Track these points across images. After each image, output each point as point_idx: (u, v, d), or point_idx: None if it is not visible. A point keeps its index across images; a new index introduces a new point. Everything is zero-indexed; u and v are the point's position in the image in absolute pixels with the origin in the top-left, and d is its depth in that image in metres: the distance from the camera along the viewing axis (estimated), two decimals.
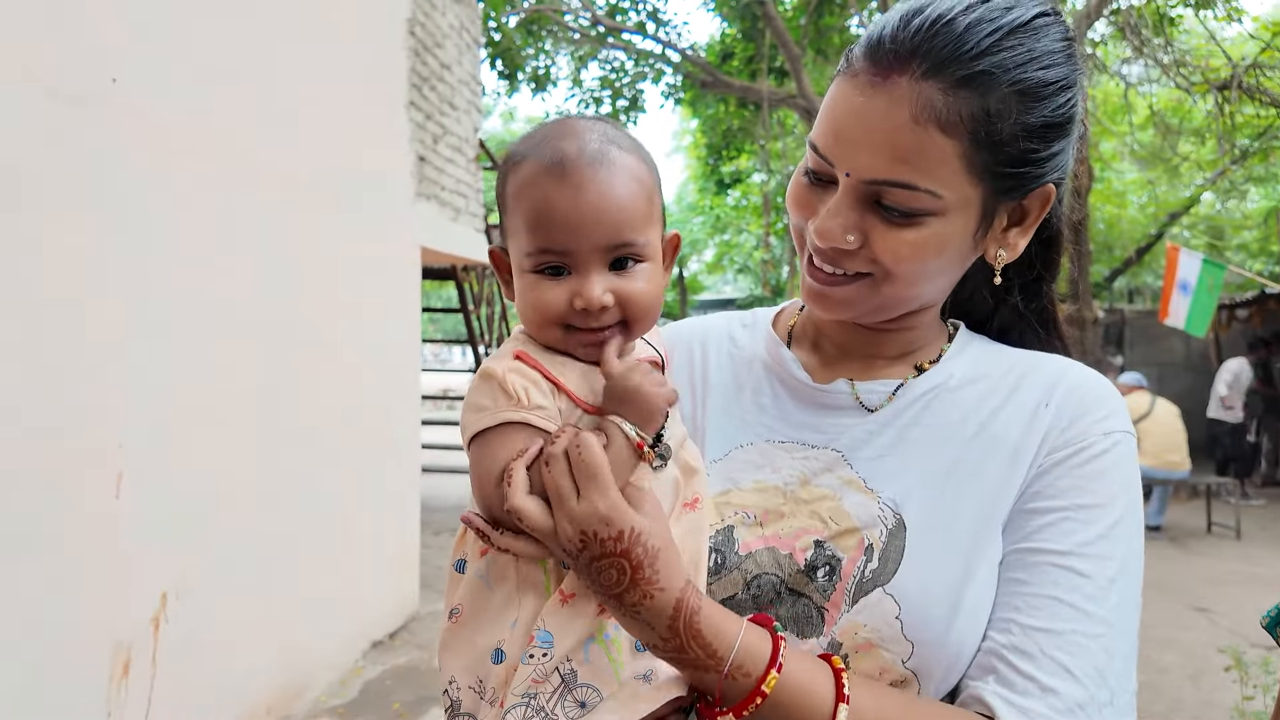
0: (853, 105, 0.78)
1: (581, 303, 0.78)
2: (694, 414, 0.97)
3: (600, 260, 0.80)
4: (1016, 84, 0.76)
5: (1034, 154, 0.79)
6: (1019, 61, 0.76)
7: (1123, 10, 8.65)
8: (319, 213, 4.13)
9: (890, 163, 0.76)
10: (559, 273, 0.80)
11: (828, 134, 0.81)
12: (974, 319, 1.00)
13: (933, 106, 0.74)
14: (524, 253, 0.81)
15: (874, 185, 0.78)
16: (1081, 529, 0.78)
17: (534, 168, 0.80)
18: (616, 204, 0.79)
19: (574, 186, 0.78)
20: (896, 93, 0.75)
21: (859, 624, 0.79)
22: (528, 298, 0.82)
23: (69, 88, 2.58)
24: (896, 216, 0.79)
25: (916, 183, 0.76)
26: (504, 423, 0.77)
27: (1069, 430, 0.83)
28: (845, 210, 0.80)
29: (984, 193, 0.80)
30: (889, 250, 0.80)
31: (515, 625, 0.77)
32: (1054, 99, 0.78)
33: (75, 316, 2.63)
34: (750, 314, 1.07)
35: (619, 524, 0.70)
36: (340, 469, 4.36)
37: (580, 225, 0.78)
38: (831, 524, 0.83)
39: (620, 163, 0.80)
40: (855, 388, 0.91)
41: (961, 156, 0.76)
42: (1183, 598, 5.95)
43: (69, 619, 2.58)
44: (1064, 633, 0.75)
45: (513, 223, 0.82)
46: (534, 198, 0.79)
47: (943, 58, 0.74)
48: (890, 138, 0.76)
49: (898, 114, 0.75)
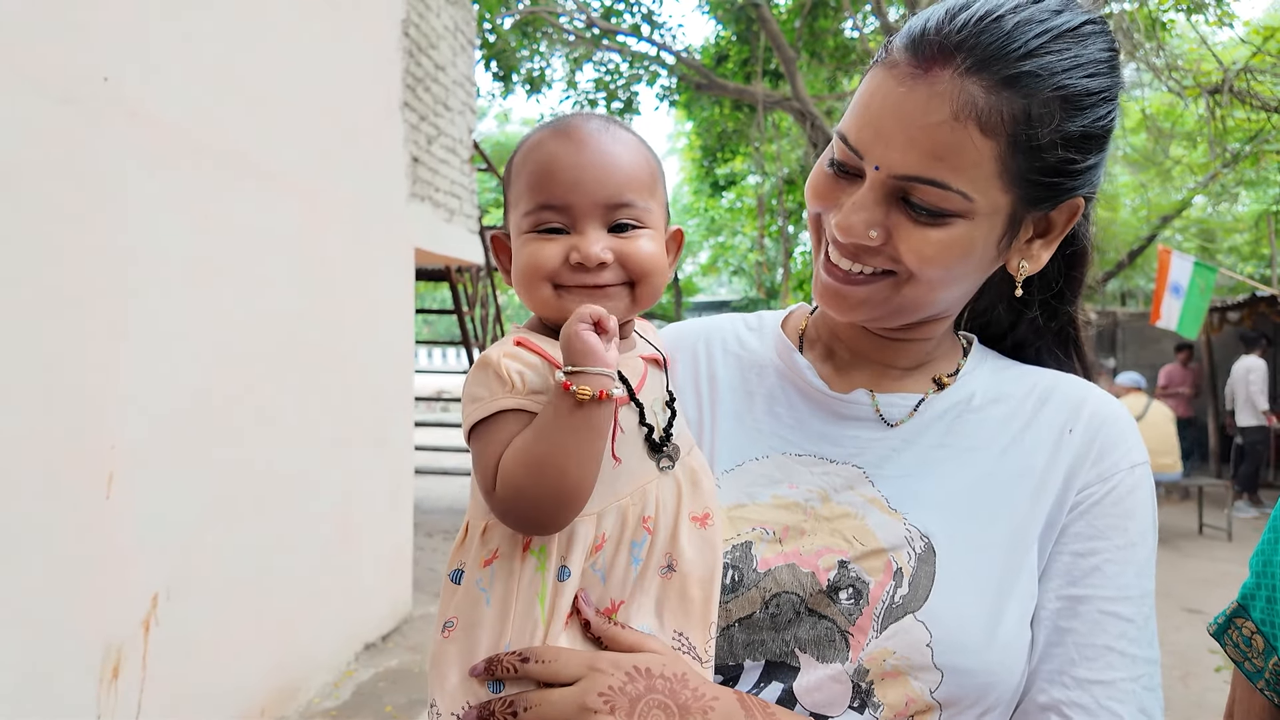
0: (890, 97, 0.75)
1: (578, 256, 0.76)
2: (701, 418, 0.93)
3: (599, 218, 0.78)
4: (1061, 89, 0.73)
5: (1070, 165, 0.77)
6: (1065, 67, 0.73)
7: (1115, 15, 8.69)
8: (312, 213, 4.12)
9: (924, 159, 0.73)
10: (557, 233, 0.78)
11: (860, 125, 0.78)
12: (989, 333, 0.98)
13: (974, 104, 0.72)
14: (523, 214, 0.79)
15: (904, 181, 0.75)
16: (1121, 570, 0.80)
17: (539, 136, 0.81)
18: (617, 163, 0.78)
19: (576, 143, 0.78)
20: (938, 87, 0.73)
21: (889, 651, 0.76)
22: (521, 256, 0.79)
23: (60, 87, 2.57)
24: (924, 215, 0.76)
25: (949, 182, 0.74)
26: (501, 410, 0.74)
27: (1100, 464, 0.83)
28: (871, 205, 0.77)
29: (1014, 200, 0.77)
30: (913, 250, 0.77)
31: (510, 647, 0.74)
32: (1095, 109, 0.76)
33: (66, 316, 2.62)
34: (756, 317, 1.03)
35: (625, 666, 0.71)
36: (333, 470, 4.35)
37: (579, 180, 0.77)
38: (856, 544, 0.81)
39: (623, 136, 0.81)
40: (875, 400, 0.88)
41: (997, 159, 0.74)
42: (1174, 599, 5.98)
43: (58, 620, 2.56)
44: (1115, 682, 0.77)
45: (515, 192, 0.81)
46: (537, 158, 0.79)
47: (989, 55, 0.72)
48: (927, 133, 0.73)
49: (937, 109, 0.72)
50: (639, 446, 0.79)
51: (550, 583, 0.75)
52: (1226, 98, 8.31)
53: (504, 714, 0.71)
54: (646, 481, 0.79)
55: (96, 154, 2.72)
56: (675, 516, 0.79)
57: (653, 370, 0.85)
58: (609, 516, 0.77)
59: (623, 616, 0.77)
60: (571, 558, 0.75)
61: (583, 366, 0.71)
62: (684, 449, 0.82)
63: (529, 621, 0.74)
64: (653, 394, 0.82)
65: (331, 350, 4.31)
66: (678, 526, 0.79)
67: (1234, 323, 10.61)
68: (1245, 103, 8.49)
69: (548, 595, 0.74)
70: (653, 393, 0.83)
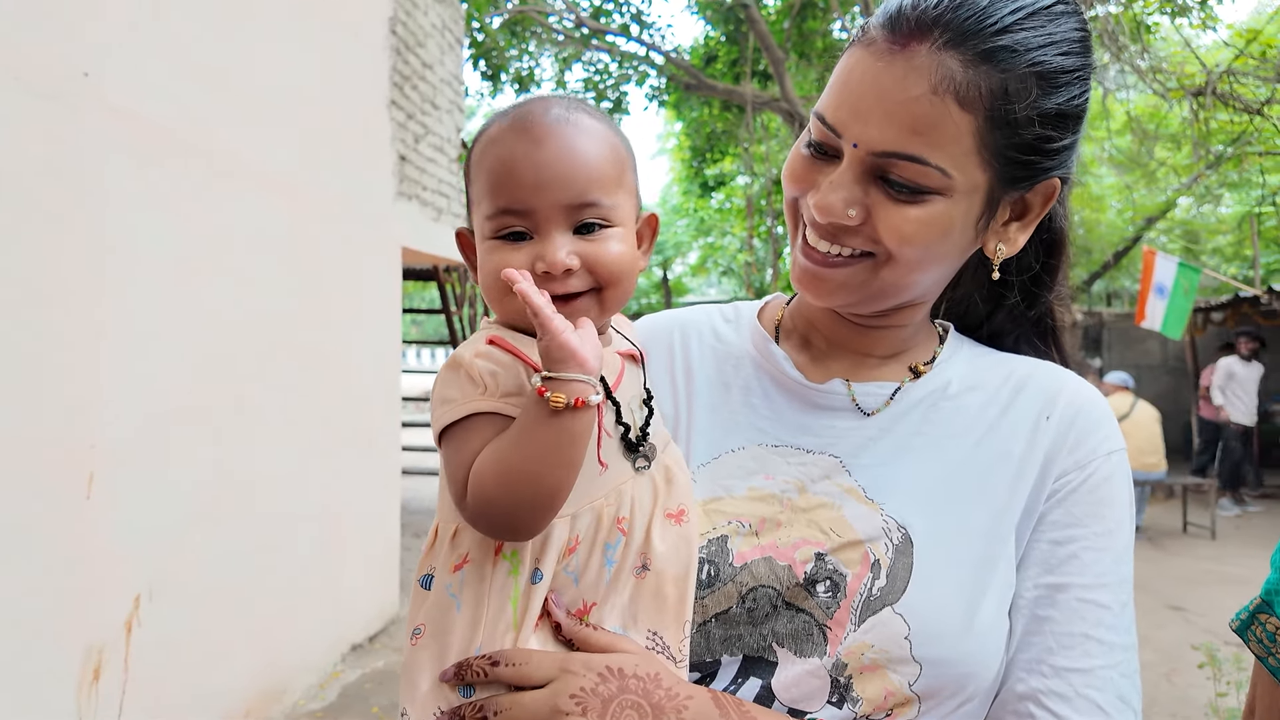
0: (867, 74, 0.75)
1: (543, 265, 0.73)
2: (677, 412, 0.92)
3: (563, 221, 0.75)
4: (1036, 65, 0.74)
5: (1046, 143, 0.77)
6: (1040, 43, 0.74)
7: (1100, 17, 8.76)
8: (298, 211, 4.09)
9: (903, 134, 0.73)
10: (521, 239, 0.75)
11: (837, 103, 0.77)
12: (966, 323, 0.98)
13: (953, 78, 0.72)
14: (484, 217, 0.76)
15: (883, 158, 0.74)
16: (1098, 558, 0.80)
17: (497, 129, 0.77)
18: (580, 160, 0.75)
19: (534, 141, 0.74)
20: (915, 61, 0.73)
21: (867, 644, 0.76)
22: (487, 266, 0.76)
23: (40, 82, 2.54)
24: (903, 193, 0.75)
25: (928, 157, 0.73)
26: (472, 414, 0.72)
27: (1077, 451, 0.83)
28: (849, 183, 0.76)
29: (991, 179, 0.77)
30: (892, 228, 0.76)
31: (481, 651, 0.72)
32: (1070, 88, 0.76)
33: (46, 314, 2.58)
34: (732, 307, 1.02)
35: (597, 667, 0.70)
36: (319, 471, 4.32)
37: (539, 182, 0.73)
38: (833, 535, 0.80)
39: (586, 125, 0.77)
40: (852, 389, 0.88)
41: (975, 134, 0.73)
42: (1158, 596, 6.03)
43: (37, 622, 2.53)
44: (1093, 669, 0.77)
45: (475, 190, 0.78)
46: (494, 156, 0.76)
47: (966, 29, 0.72)
48: (905, 107, 0.72)
49: (915, 84, 0.72)
50: (615, 446, 0.77)
51: (522, 586, 0.73)
52: (1210, 100, 8.38)
53: (474, 719, 0.70)
54: (622, 482, 0.77)
55: (77, 151, 2.69)
56: (650, 515, 0.77)
57: (630, 367, 0.83)
58: (584, 518, 0.75)
59: (595, 618, 0.75)
60: (545, 561, 0.73)
61: (561, 372, 0.68)
62: (660, 447, 0.81)
63: (500, 626, 0.72)
64: (630, 392, 0.80)
65: (318, 350, 4.28)
66: (651, 525, 0.77)
67: (1217, 323, 10.71)
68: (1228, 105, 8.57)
69: (519, 599, 0.73)
70: (630, 390, 0.81)
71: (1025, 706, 0.77)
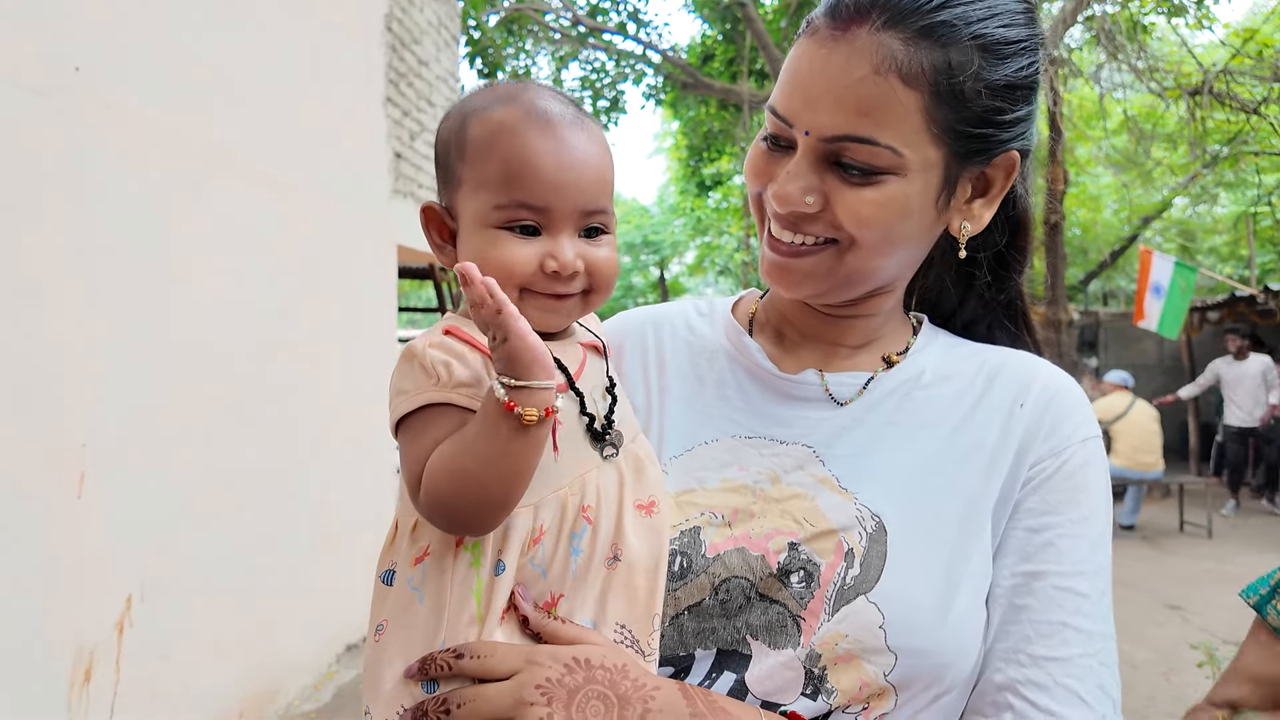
0: (814, 62, 0.77)
1: (554, 265, 0.74)
2: (649, 404, 0.92)
3: (575, 223, 0.76)
4: (978, 38, 0.75)
5: (998, 114, 0.78)
6: (980, 16, 0.75)
7: (1097, 16, 8.76)
8: (293, 208, 4.07)
9: (851, 117, 0.74)
10: (529, 232, 0.75)
11: (787, 94, 0.79)
12: (940, 312, 0.98)
13: (894, 57, 0.73)
14: (492, 205, 0.75)
15: (834, 143, 0.76)
16: (1075, 545, 0.79)
17: (513, 117, 0.76)
18: (596, 165, 0.77)
19: (560, 140, 0.75)
20: (857, 44, 0.74)
21: (841, 634, 0.75)
22: (489, 254, 0.74)
23: (29, 77, 2.51)
24: (856, 175, 0.76)
25: (877, 138, 0.74)
26: (426, 405, 0.70)
27: (1051, 438, 0.82)
28: (805, 172, 0.78)
29: (946, 155, 0.78)
30: (850, 211, 0.77)
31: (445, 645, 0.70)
32: (1016, 59, 0.78)
33: (36, 312, 2.56)
34: (707, 302, 1.03)
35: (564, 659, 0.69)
36: (314, 470, 4.30)
37: (564, 183, 0.74)
38: (806, 525, 0.80)
39: (595, 130, 0.80)
40: (825, 379, 0.88)
41: (923, 111, 0.74)
42: (1156, 595, 6.03)
43: (28, 622, 2.50)
44: (1072, 658, 0.76)
45: (476, 174, 0.76)
46: (515, 147, 0.75)
47: (903, 8, 0.74)
48: (851, 90, 0.74)
49: (859, 66, 0.74)
50: (579, 436, 0.76)
51: (485, 578, 0.71)
52: (1206, 99, 8.39)
53: (437, 713, 0.68)
54: (586, 470, 0.76)
55: (68, 147, 2.66)
56: (618, 505, 0.76)
57: (592, 357, 0.82)
58: (547, 508, 0.73)
59: (564, 610, 0.74)
60: (508, 552, 0.72)
61: (529, 380, 0.65)
62: (628, 436, 0.80)
63: (464, 619, 0.70)
64: (592, 381, 0.80)
65: (312, 349, 4.25)
66: (621, 515, 0.76)
67: (1214, 322, 10.72)
68: (1224, 104, 8.58)
69: (483, 591, 0.71)
70: (592, 380, 0.80)
71: (1004, 697, 0.76)
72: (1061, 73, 9.13)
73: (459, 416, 0.70)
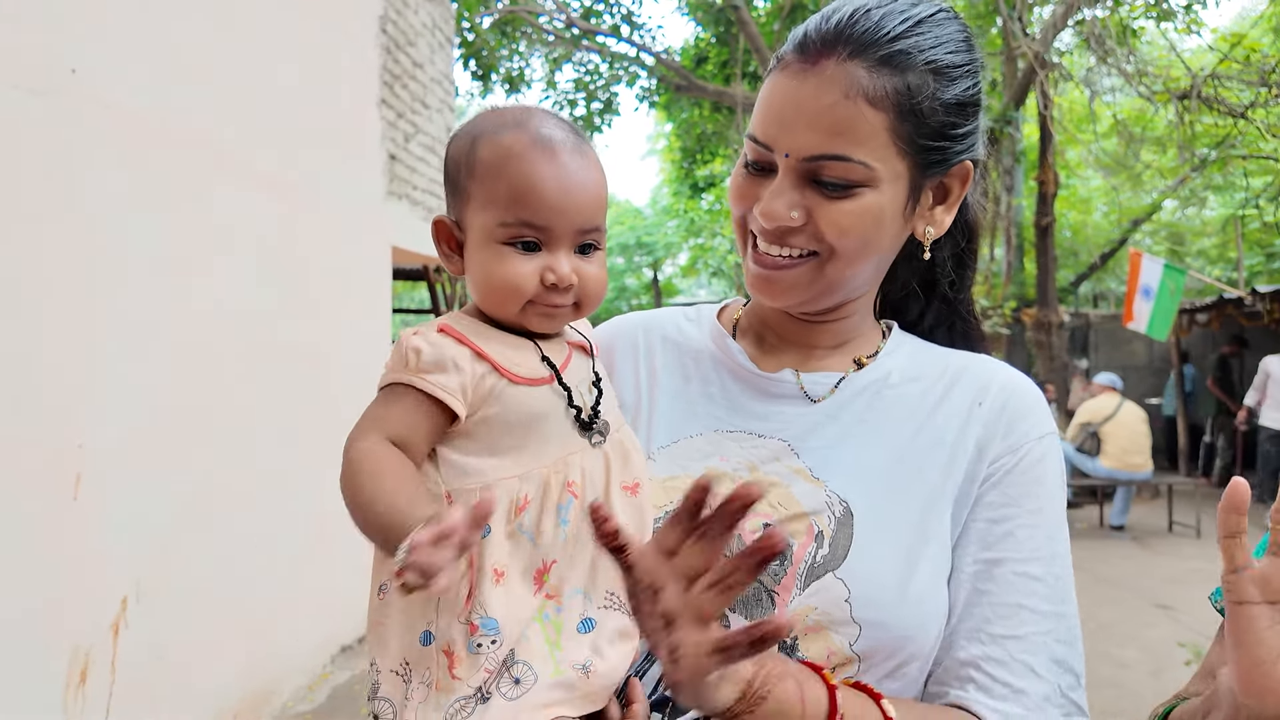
0: (788, 92, 0.85)
1: (554, 278, 0.83)
2: (640, 401, 1.00)
3: (572, 241, 0.85)
4: (931, 63, 0.85)
5: (952, 129, 0.87)
6: (930, 45, 0.85)
7: (1087, 21, 8.83)
8: (288, 210, 4.07)
9: (825, 137, 0.83)
10: (530, 248, 0.84)
11: (765, 123, 0.87)
12: (906, 319, 1.07)
13: (859, 83, 0.82)
14: (498, 223, 0.84)
15: (812, 161, 0.84)
16: (1031, 534, 0.87)
17: (520, 143, 0.84)
18: (595, 190, 0.86)
19: (562, 166, 0.84)
20: (826, 74, 0.83)
21: (810, 607, 0.83)
22: (495, 269, 0.84)
23: (26, 77, 2.51)
24: (835, 190, 0.84)
25: (851, 154, 0.83)
26: (393, 383, 0.82)
27: (1010, 436, 0.90)
28: (788, 190, 0.86)
29: (910, 167, 0.86)
30: (831, 223, 0.85)
31: (441, 604, 0.77)
32: (963, 80, 0.87)
33: (32, 312, 2.56)
34: (695, 309, 1.11)
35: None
36: (309, 471, 4.29)
37: (565, 205, 0.83)
38: (780, 509, 0.87)
39: (592, 154, 0.88)
40: (800, 378, 0.96)
41: (889, 129, 0.83)
42: (1145, 595, 6.07)
43: (23, 623, 2.50)
44: (1027, 636, 0.84)
45: (485, 192, 0.85)
46: (521, 171, 0.83)
47: (864, 41, 0.83)
48: (825, 114, 0.82)
49: (829, 93, 0.82)
50: (566, 425, 0.84)
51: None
52: (1195, 103, 8.47)
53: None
54: (570, 453, 0.84)
55: (65, 147, 2.66)
56: (605, 486, 0.84)
57: (578, 355, 0.91)
58: (530, 481, 0.81)
59: (556, 576, 0.81)
60: (492, 517, 0.78)
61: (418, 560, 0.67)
62: (614, 426, 0.88)
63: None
64: (578, 376, 0.89)
65: (307, 350, 4.25)
66: (609, 494, 0.84)
67: (1202, 324, 10.80)
68: (1213, 108, 8.66)
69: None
70: (578, 375, 0.89)
71: (967, 671, 0.85)
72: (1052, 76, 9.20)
73: (417, 397, 0.81)
